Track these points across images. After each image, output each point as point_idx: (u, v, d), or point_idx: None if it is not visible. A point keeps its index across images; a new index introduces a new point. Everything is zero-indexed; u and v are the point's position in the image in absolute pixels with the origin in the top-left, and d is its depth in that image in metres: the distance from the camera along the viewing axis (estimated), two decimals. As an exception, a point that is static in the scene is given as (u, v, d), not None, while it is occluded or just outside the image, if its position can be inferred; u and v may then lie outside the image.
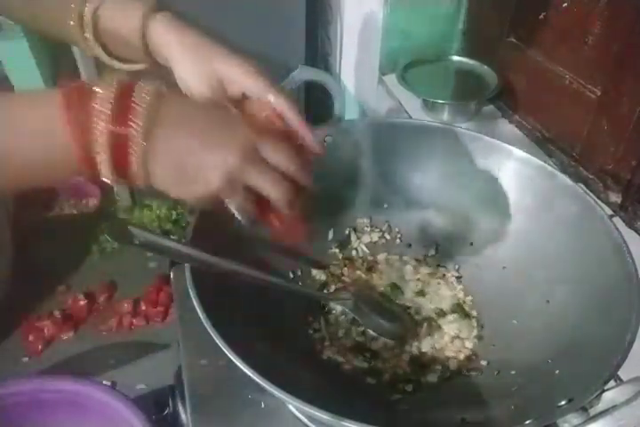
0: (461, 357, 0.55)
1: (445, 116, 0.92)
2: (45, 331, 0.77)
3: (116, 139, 0.34)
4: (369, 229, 0.66)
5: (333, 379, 0.53)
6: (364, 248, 0.65)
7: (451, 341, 0.57)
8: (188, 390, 0.56)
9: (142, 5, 0.47)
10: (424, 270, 0.64)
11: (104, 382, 0.63)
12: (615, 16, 0.68)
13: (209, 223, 0.50)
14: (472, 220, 0.63)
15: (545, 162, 0.57)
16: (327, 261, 0.64)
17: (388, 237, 0.66)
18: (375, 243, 0.66)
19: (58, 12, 0.48)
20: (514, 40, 0.89)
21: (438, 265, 0.64)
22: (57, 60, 1.71)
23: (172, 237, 0.44)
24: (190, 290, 0.43)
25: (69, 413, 0.57)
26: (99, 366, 0.68)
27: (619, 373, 0.40)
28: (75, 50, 1.26)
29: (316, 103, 1.55)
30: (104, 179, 0.36)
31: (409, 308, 0.60)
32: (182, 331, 0.62)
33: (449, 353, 0.56)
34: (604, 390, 0.38)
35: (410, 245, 0.66)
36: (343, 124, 0.64)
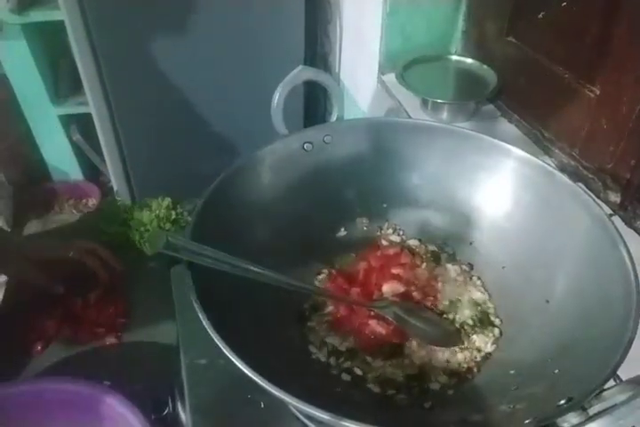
0: (472, 364, 0.54)
1: (445, 115, 0.92)
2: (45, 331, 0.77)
3: None
4: (367, 229, 0.66)
5: (333, 379, 0.53)
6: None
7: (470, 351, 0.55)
8: (188, 390, 0.56)
9: None
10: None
11: (104, 382, 0.63)
12: (615, 16, 0.68)
13: (209, 223, 0.51)
14: (472, 219, 0.63)
15: (544, 161, 0.57)
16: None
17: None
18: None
19: None
20: (513, 40, 0.89)
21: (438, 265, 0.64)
22: (57, 60, 1.70)
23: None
24: (190, 290, 0.43)
25: (70, 414, 0.57)
26: (98, 366, 0.68)
27: (618, 372, 0.40)
28: (74, 50, 1.26)
29: (316, 103, 1.55)
30: None
31: (443, 313, 0.59)
32: (182, 331, 0.62)
33: (460, 360, 0.54)
34: (603, 390, 0.38)
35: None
36: (343, 124, 0.64)
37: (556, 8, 0.77)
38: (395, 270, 0.62)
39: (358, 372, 0.53)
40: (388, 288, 0.60)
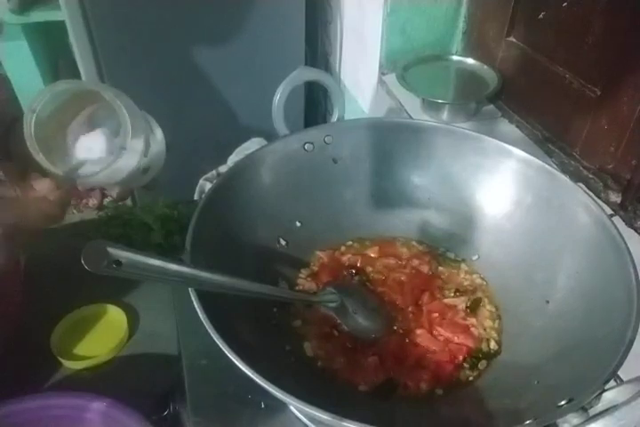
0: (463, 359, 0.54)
1: (445, 116, 0.92)
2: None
3: None
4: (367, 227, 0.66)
5: (332, 379, 0.53)
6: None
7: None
8: (188, 390, 0.56)
9: None
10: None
11: (104, 380, 0.63)
12: (615, 16, 0.68)
13: (209, 223, 0.51)
14: (472, 220, 0.63)
15: (545, 162, 0.57)
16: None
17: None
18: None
19: None
20: (514, 40, 0.89)
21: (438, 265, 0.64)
22: (57, 60, 1.71)
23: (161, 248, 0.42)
24: (190, 290, 0.43)
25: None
26: (99, 366, 0.68)
27: (619, 373, 0.40)
28: (75, 50, 1.26)
29: (317, 103, 1.55)
30: None
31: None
32: (182, 331, 0.62)
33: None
34: (604, 390, 0.38)
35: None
36: (343, 124, 0.64)
37: (556, 8, 0.77)
38: (386, 260, 0.63)
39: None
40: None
